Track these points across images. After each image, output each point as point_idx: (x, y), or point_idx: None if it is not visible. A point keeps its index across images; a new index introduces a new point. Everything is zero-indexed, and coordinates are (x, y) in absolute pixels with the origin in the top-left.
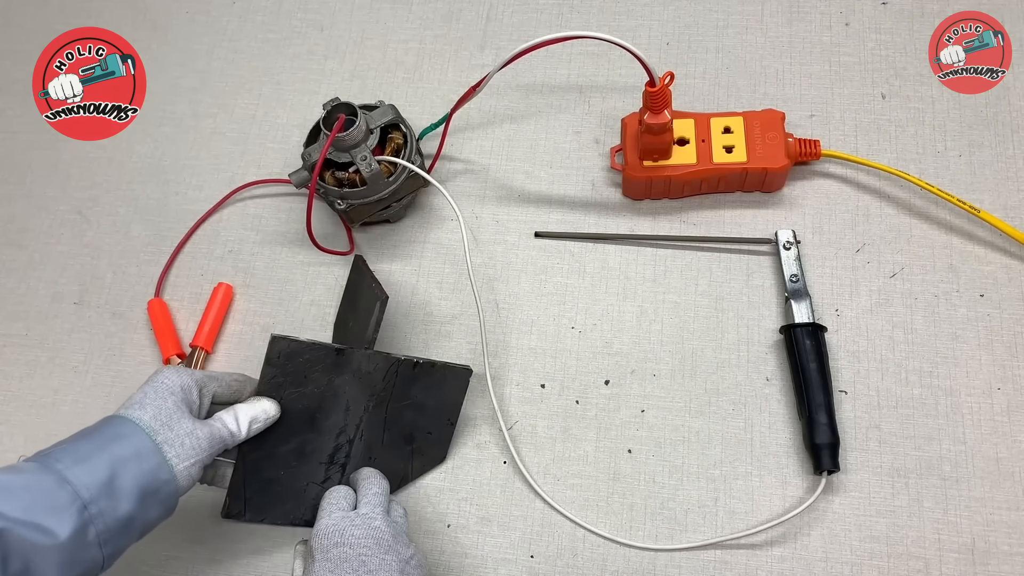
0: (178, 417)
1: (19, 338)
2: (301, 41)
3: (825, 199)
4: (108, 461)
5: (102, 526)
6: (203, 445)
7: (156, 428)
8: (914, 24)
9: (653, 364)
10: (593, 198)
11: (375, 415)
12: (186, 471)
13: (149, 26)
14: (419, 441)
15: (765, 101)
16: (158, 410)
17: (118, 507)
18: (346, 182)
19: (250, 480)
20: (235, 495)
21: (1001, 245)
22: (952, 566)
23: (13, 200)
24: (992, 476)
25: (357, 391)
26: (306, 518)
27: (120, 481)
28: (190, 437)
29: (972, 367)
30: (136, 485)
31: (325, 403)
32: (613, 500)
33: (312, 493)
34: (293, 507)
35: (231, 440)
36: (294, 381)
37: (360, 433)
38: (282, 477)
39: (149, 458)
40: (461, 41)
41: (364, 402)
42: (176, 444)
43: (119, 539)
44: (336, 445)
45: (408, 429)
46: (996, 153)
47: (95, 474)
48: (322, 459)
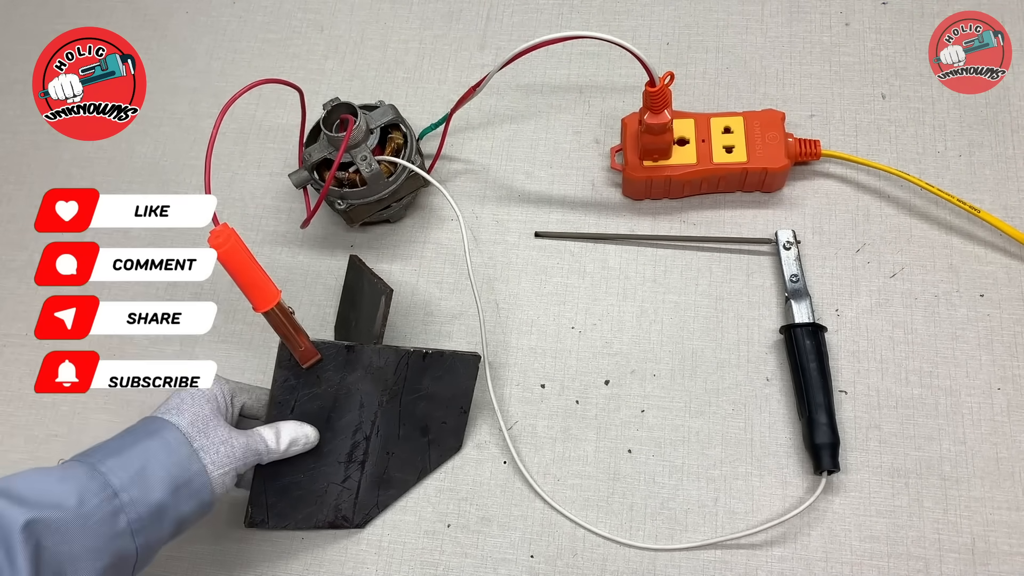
0: (214, 424)
1: (19, 338)
2: (301, 41)
3: (825, 199)
4: (140, 453)
5: (134, 514)
6: (238, 454)
7: (192, 434)
8: (914, 24)
9: (653, 364)
10: (593, 198)
11: (389, 409)
12: (220, 479)
13: (149, 26)
14: (434, 432)
15: (765, 101)
16: (195, 416)
17: (149, 495)
18: (346, 182)
19: (270, 486)
20: (257, 503)
21: (1001, 245)
22: (952, 566)
23: (13, 200)
24: (992, 476)
25: (370, 387)
26: (329, 519)
27: (151, 471)
28: (225, 445)
29: (972, 367)
30: (167, 475)
31: (339, 402)
32: (613, 500)
33: (333, 493)
34: (315, 510)
35: (266, 455)
36: (307, 383)
37: (376, 429)
38: (302, 480)
39: (179, 450)
40: (461, 41)
41: (378, 397)
42: (211, 451)
43: (152, 529)
44: (353, 443)
45: (423, 421)
46: (996, 153)
47: (127, 465)
48: (340, 458)
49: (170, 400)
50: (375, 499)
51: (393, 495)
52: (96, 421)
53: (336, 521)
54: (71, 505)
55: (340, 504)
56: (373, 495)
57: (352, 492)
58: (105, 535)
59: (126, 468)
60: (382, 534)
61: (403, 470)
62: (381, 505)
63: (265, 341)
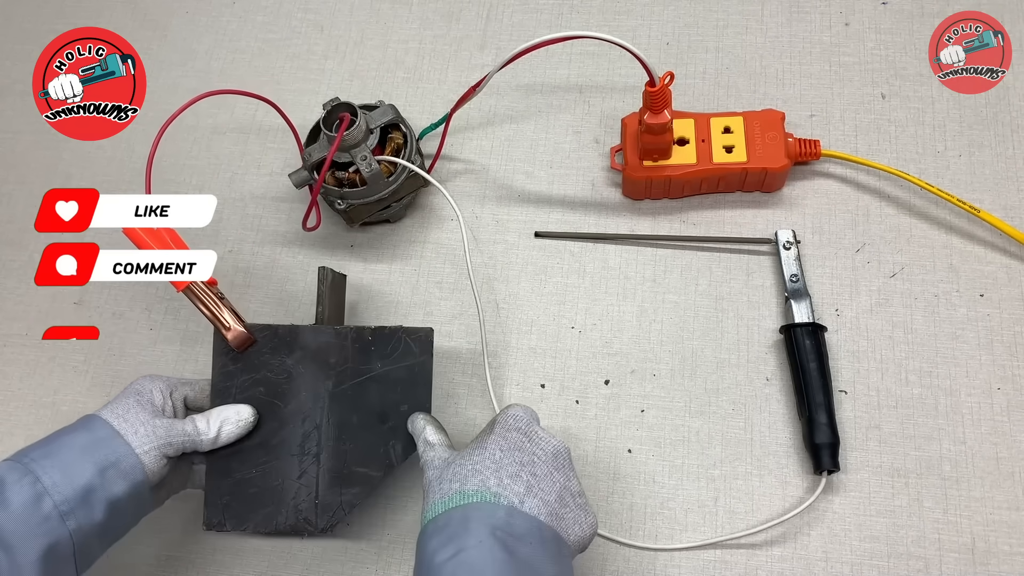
0: (136, 412)
1: (19, 338)
2: (301, 41)
3: (825, 199)
4: (64, 443)
5: (59, 497)
6: (160, 433)
7: (113, 420)
8: (914, 24)
9: (653, 364)
10: (593, 198)
11: (339, 394)
12: (148, 455)
13: (149, 26)
14: (394, 419)
15: (765, 101)
16: (118, 407)
17: (74, 478)
18: (346, 182)
19: (222, 483)
20: (212, 504)
21: (1001, 245)
22: (952, 566)
23: (13, 200)
24: (992, 476)
25: (313, 369)
26: (290, 522)
27: (73, 455)
28: (145, 426)
29: (972, 367)
30: (90, 458)
31: (282, 387)
32: (613, 500)
33: (290, 491)
34: (274, 510)
35: (197, 436)
36: (246, 367)
37: (327, 416)
38: (254, 476)
39: (100, 433)
40: (461, 41)
41: (323, 381)
42: (131, 432)
43: (82, 512)
44: (304, 432)
45: (379, 406)
46: (996, 153)
47: (49, 453)
48: (292, 451)
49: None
50: (338, 499)
51: (358, 494)
52: None
53: (298, 524)
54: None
55: (300, 504)
56: (336, 494)
57: (311, 490)
58: (31, 520)
59: (48, 456)
60: (382, 534)
61: (365, 464)
62: (347, 506)
63: None
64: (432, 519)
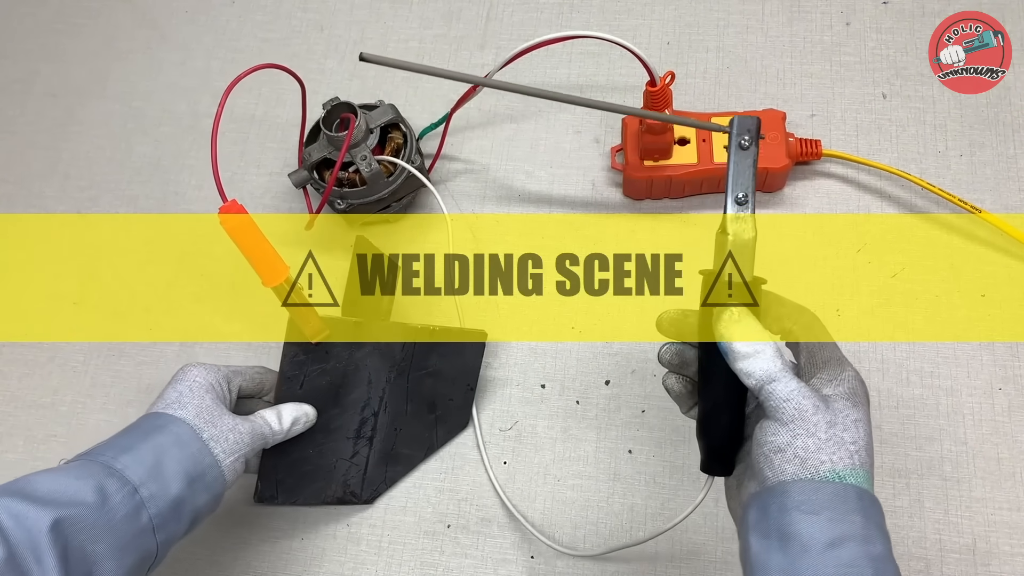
0: (219, 413)
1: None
2: (301, 41)
3: (826, 199)
4: (152, 448)
5: (154, 509)
6: (246, 440)
7: (200, 426)
8: (914, 24)
9: (653, 364)
10: (593, 198)
11: (397, 386)
12: (231, 466)
13: (149, 26)
14: (441, 408)
15: (766, 101)
16: (199, 408)
17: (168, 489)
18: (346, 182)
19: (279, 462)
20: (266, 478)
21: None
22: (953, 567)
23: (13, 200)
24: (993, 476)
25: (379, 363)
26: (337, 495)
27: (166, 465)
28: (234, 432)
29: (973, 367)
30: (182, 468)
31: (348, 378)
32: (613, 500)
33: (342, 469)
34: (324, 485)
35: (271, 437)
36: (316, 358)
37: (384, 405)
38: (310, 456)
39: (190, 444)
40: (461, 41)
41: (386, 373)
42: (221, 440)
43: (171, 524)
44: (362, 419)
45: (430, 397)
46: (997, 153)
47: (141, 460)
48: (349, 434)
49: (167, 394)
50: (383, 475)
51: (401, 471)
52: (95, 421)
53: (345, 496)
54: (93, 502)
55: (348, 480)
56: (381, 471)
57: (360, 468)
58: (130, 532)
59: (141, 463)
60: (382, 534)
61: (411, 446)
62: (389, 481)
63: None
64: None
